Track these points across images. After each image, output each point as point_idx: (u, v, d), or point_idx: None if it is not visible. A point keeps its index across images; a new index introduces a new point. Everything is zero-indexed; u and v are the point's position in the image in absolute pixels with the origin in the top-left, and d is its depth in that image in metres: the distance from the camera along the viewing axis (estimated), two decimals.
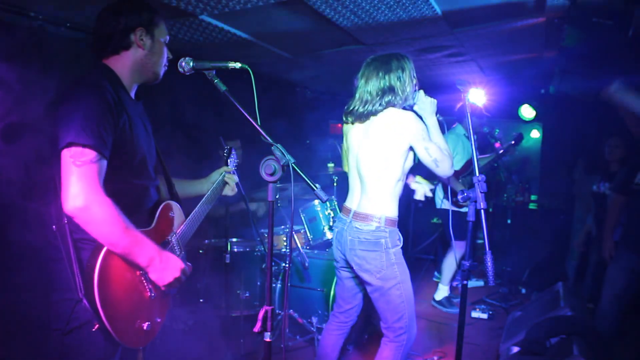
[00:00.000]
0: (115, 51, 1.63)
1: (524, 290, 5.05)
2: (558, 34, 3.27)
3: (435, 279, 5.37)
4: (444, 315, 4.39)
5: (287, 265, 3.64)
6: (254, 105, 1.64)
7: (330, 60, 4.07)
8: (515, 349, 2.94)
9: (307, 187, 1.54)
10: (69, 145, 1.40)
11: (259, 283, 3.63)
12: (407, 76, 2.31)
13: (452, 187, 4.32)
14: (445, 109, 3.34)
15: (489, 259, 1.91)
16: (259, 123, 1.60)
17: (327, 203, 3.99)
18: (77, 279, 1.44)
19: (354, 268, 2.37)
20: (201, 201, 1.95)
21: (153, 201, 1.74)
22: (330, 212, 4.03)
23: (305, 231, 4.01)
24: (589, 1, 2.61)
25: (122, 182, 1.57)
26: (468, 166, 4.38)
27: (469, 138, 4.32)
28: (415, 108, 2.41)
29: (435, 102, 2.41)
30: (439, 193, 4.58)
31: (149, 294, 1.62)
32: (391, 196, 2.32)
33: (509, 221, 5.65)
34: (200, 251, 3.60)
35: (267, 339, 1.55)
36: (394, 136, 2.25)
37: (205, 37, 3.12)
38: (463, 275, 2.07)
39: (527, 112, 5.59)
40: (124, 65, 1.64)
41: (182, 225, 1.83)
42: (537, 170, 6.73)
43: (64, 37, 2.73)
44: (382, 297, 2.32)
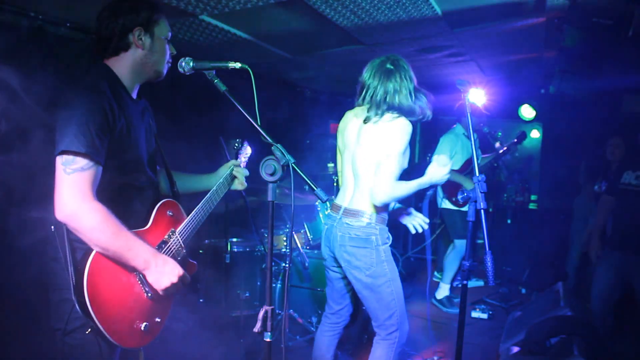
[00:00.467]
0: (115, 52, 1.62)
1: (524, 290, 5.05)
2: (558, 34, 3.27)
3: (435, 279, 5.37)
4: (444, 315, 4.39)
5: (287, 265, 3.64)
6: (254, 105, 1.64)
7: (330, 60, 4.07)
8: (515, 349, 2.94)
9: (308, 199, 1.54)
10: (62, 153, 1.41)
11: (259, 283, 3.63)
12: (403, 78, 2.29)
13: (453, 183, 4.31)
14: (445, 109, 3.34)
15: (489, 259, 1.90)
16: (259, 123, 1.60)
17: (327, 203, 3.99)
18: (71, 279, 1.44)
19: (343, 266, 2.36)
20: (206, 197, 1.91)
21: (151, 201, 1.72)
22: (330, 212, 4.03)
23: (305, 231, 4.01)
24: (589, 1, 2.61)
25: (118, 184, 1.57)
26: (467, 166, 4.37)
27: (468, 137, 4.33)
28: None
29: (444, 179, 2.29)
30: (439, 193, 4.58)
31: (145, 294, 1.60)
32: None
33: (509, 221, 5.66)
34: (200, 251, 3.60)
35: (267, 339, 1.55)
36: (391, 139, 2.23)
37: (205, 37, 3.12)
38: (463, 275, 2.07)
39: (527, 112, 5.58)
40: (124, 65, 1.63)
41: (183, 223, 1.80)
42: (537, 170, 6.73)
43: (64, 37, 2.73)
44: (373, 294, 2.31)
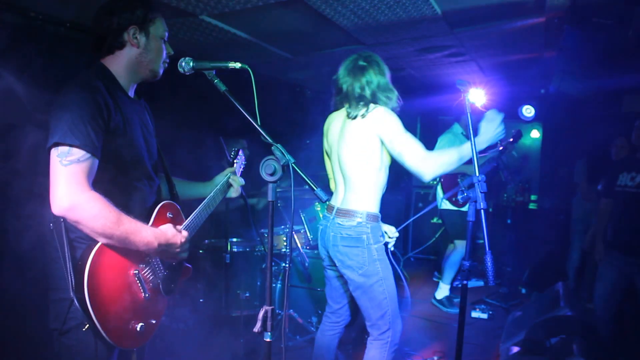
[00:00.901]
0: (110, 51, 1.62)
1: (524, 290, 5.05)
2: (558, 34, 3.27)
3: (435, 279, 5.37)
4: (444, 315, 4.39)
5: (287, 265, 3.64)
6: (254, 105, 1.64)
7: (330, 60, 4.06)
8: (515, 349, 2.94)
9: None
10: (56, 145, 1.40)
11: (259, 283, 3.63)
12: (377, 73, 2.32)
13: (452, 184, 4.31)
14: (445, 109, 3.35)
15: (489, 259, 1.90)
16: (259, 123, 1.60)
17: (327, 203, 3.99)
18: (70, 278, 1.44)
19: (337, 265, 2.38)
20: (203, 202, 1.93)
21: (151, 201, 1.72)
22: (325, 212, 4.02)
23: (305, 231, 4.01)
24: (589, 1, 2.61)
25: (117, 182, 1.57)
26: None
27: (466, 137, 4.32)
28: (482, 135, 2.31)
29: (500, 133, 2.30)
30: (439, 192, 4.58)
31: (142, 295, 1.60)
32: (374, 189, 2.33)
33: (509, 221, 5.65)
34: (200, 251, 3.60)
35: (267, 339, 1.55)
36: (365, 129, 2.27)
37: (205, 37, 3.12)
38: (463, 275, 2.07)
39: (527, 112, 5.59)
40: (119, 64, 1.63)
41: (181, 226, 1.80)
42: (537, 170, 6.73)
43: (64, 37, 2.73)
44: (365, 294, 2.32)
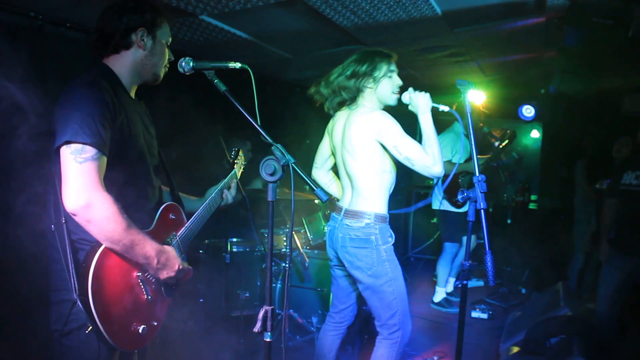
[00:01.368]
0: (115, 50, 1.62)
1: (524, 290, 5.05)
2: (558, 34, 3.27)
3: (435, 279, 5.37)
4: (444, 315, 4.39)
5: (287, 265, 3.63)
6: (254, 105, 1.64)
7: (330, 60, 4.06)
8: (515, 349, 2.94)
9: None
10: (68, 142, 1.39)
11: (259, 283, 3.63)
12: (377, 73, 2.31)
13: (452, 184, 4.31)
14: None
15: (489, 259, 1.90)
16: (259, 123, 1.59)
17: (327, 203, 3.99)
18: (72, 279, 1.43)
19: (346, 266, 2.38)
20: (203, 204, 1.93)
21: (154, 202, 1.73)
22: (329, 212, 4.02)
23: (305, 231, 4.01)
24: (589, 1, 2.61)
25: (121, 182, 1.56)
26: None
27: (467, 136, 4.32)
28: (410, 108, 2.37)
29: (428, 96, 2.30)
30: (437, 193, 4.57)
31: (145, 297, 1.60)
32: (380, 190, 2.33)
33: (509, 221, 5.65)
34: (200, 251, 3.60)
35: (267, 339, 1.55)
36: (362, 135, 2.27)
37: (205, 37, 3.12)
38: (463, 275, 2.07)
39: (527, 112, 5.59)
40: (124, 64, 1.64)
41: (183, 228, 1.81)
42: (537, 170, 6.73)
43: (64, 37, 2.73)
44: (375, 294, 2.32)
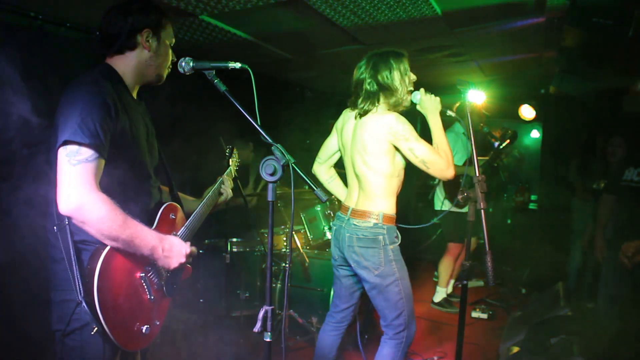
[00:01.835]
0: (120, 51, 1.63)
1: (524, 290, 5.05)
2: (558, 34, 3.27)
3: (435, 279, 5.37)
4: (444, 315, 4.39)
5: (287, 265, 3.63)
6: (254, 105, 1.64)
7: (330, 60, 4.07)
8: (515, 349, 2.94)
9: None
10: (65, 143, 1.39)
11: (259, 283, 3.63)
12: (396, 75, 2.30)
13: (452, 184, 4.31)
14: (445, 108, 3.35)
15: (489, 259, 1.91)
16: (259, 123, 1.60)
17: (327, 203, 3.99)
18: (77, 281, 1.43)
19: (352, 265, 2.37)
20: (200, 203, 1.94)
21: (154, 202, 1.73)
22: (330, 212, 4.03)
23: (305, 231, 4.01)
24: (589, 1, 2.61)
25: (122, 182, 1.56)
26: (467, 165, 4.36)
27: (468, 137, 4.32)
28: (418, 108, 2.40)
29: (438, 100, 2.38)
30: (439, 194, 4.57)
31: (148, 297, 1.61)
32: (388, 193, 2.32)
33: (509, 221, 5.65)
34: (200, 251, 3.60)
35: (267, 339, 1.55)
36: (377, 137, 2.26)
37: (205, 37, 3.12)
38: (463, 275, 2.07)
39: (527, 112, 5.59)
40: (128, 65, 1.64)
41: (183, 228, 1.82)
42: (537, 170, 6.73)
43: (64, 37, 2.73)
44: (381, 294, 2.32)
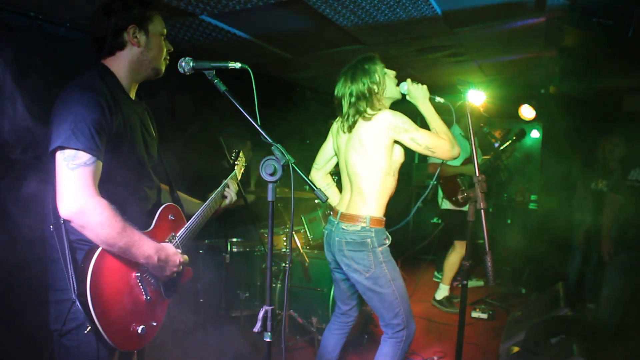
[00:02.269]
0: (110, 52, 1.62)
1: (524, 290, 5.05)
2: (558, 34, 3.27)
3: (435, 279, 5.37)
4: (444, 315, 4.39)
5: (287, 265, 3.63)
6: (254, 105, 1.64)
7: (330, 60, 4.07)
8: (515, 349, 2.94)
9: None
10: (61, 148, 1.39)
11: (259, 283, 3.63)
12: (375, 76, 2.33)
13: (452, 183, 4.30)
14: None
15: (489, 259, 1.91)
16: (259, 123, 1.59)
17: (327, 204, 3.99)
18: (71, 279, 1.43)
19: (344, 269, 2.39)
20: (203, 205, 1.93)
21: (153, 203, 1.73)
22: (329, 212, 4.02)
23: (305, 231, 4.01)
24: (589, 1, 2.61)
25: (120, 184, 1.56)
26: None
27: (466, 137, 4.32)
28: (408, 98, 2.44)
29: (425, 87, 2.42)
30: (440, 192, 4.57)
31: (144, 297, 1.60)
32: (380, 192, 2.33)
33: (509, 221, 5.65)
34: (200, 251, 3.60)
35: (267, 339, 1.55)
36: (374, 134, 2.27)
37: (205, 37, 3.12)
38: (463, 275, 2.07)
39: (527, 112, 5.58)
40: (121, 65, 1.63)
41: (182, 229, 1.81)
42: (537, 170, 6.72)
43: (64, 37, 2.73)
44: (375, 295, 2.33)
